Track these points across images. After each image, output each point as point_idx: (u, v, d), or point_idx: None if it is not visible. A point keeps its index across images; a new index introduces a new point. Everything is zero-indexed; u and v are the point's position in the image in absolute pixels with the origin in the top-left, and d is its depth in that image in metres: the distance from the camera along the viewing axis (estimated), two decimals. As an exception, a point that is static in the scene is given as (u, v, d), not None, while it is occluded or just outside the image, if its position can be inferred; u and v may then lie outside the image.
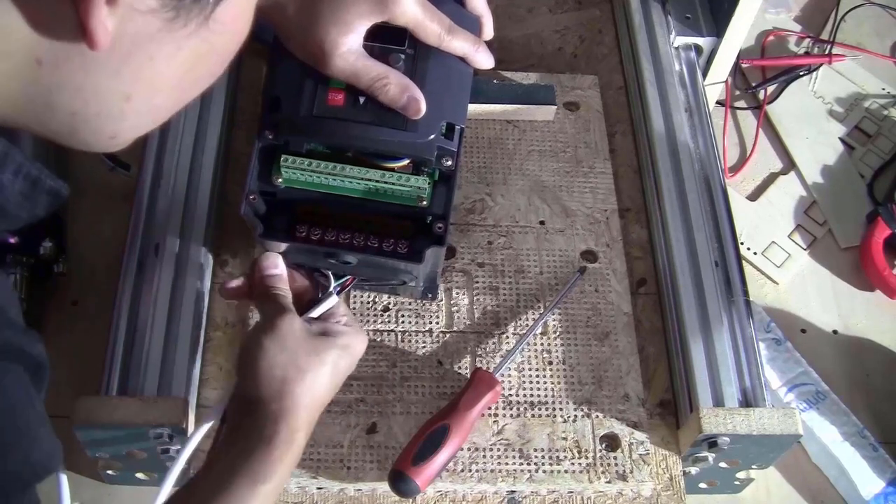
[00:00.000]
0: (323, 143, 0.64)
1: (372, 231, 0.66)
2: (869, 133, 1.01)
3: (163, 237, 0.74)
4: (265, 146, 0.65)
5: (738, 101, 1.02)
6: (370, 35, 0.62)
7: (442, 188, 0.65)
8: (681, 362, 0.74)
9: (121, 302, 0.72)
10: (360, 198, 0.65)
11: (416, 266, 0.67)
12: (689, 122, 0.86)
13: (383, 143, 0.62)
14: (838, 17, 1.08)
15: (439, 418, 0.68)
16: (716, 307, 0.75)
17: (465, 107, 0.66)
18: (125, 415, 0.64)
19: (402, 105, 0.62)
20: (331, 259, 0.66)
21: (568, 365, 0.75)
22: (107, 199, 0.87)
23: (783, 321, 0.88)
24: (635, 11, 0.93)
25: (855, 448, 0.80)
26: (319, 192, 0.65)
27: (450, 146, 0.64)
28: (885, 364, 0.87)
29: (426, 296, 0.76)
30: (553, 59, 0.95)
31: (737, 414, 0.68)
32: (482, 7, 0.68)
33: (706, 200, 0.81)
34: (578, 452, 0.71)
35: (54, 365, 0.78)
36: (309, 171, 0.63)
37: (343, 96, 0.62)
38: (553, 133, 0.86)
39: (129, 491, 0.73)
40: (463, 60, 0.66)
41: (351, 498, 0.70)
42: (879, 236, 0.91)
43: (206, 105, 0.81)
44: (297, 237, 0.66)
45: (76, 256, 0.83)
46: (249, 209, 0.65)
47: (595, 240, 0.81)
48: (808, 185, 0.96)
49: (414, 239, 0.66)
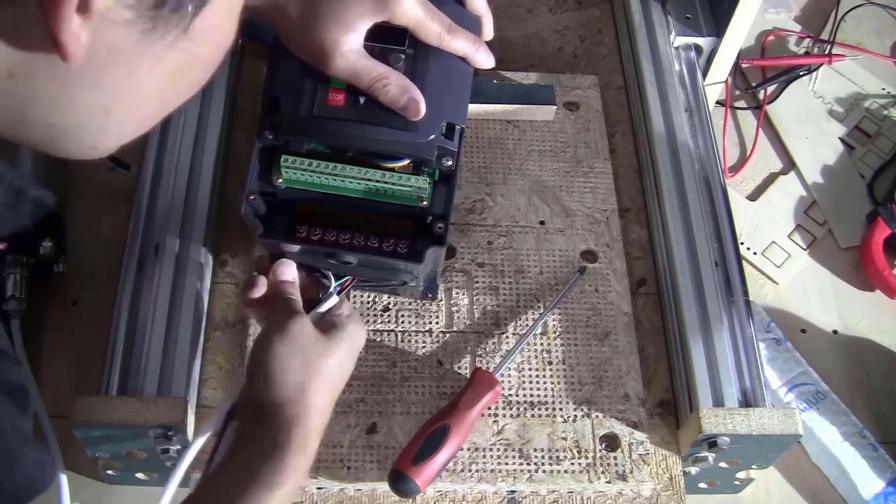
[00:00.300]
0: (323, 143, 0.64)
1: (372, 231, 0.66)
2: (869, 133, 1.01)
3: (163, 237, 0.74)
4: (265, 146, 0.65)
5: (738, 101, 1.02)
6: (370, 35, 0.62)
7: (442, 188, 0.65)
8: (681, 362, 0.74)
9: (121, 302, 0.72)
10: (361, 198, 0.65)
11: (416, 266, 0.67)
12: (689, 122, 0.86)
13: (383, 143, 0.62)
14: (838, 17, 1.08)
15: (439, 418, 0.68)
16: (716, 307, 0.75)
17: (465, 107, 0.66)
18: (125, 415, 0.64)
19: (401, 106, 0.61)
20: (331, 259, 0.66)
21: (568, 365, 0.75)
22: (107, 199, 0.87)
23: (783, 321, 0.88)
24: (635, 11, 0.93)
25: (855, 448, 0.80)
26: (319, 192, 0.65)
27: (450, 146, 0.64)
28: (885, 364, 0.87)
29: (426, 296, 0.76)
30: (553, 59, 0.95)
31: (737, 414, 0.68)
32: (482, 7, 0.68)
33: (706, 200, 0.81)
34: (578, 452, 0.71)
35: (54, 365, 0.79)
36: (309, 171, 0.63)
37: (343, 96, 0.62)
38: (553, 133, 0.86)
39: (129, 491, 0.73)
40: (463, 60, 0.66)
41: (351, 498, 0.70)
42: (879, 236, 0.91)
43: (206, 105, 0.81)
44: (297, 237, 0.66)
45: (76, 256, 0.83)
46: (249, 209, 0.65)
47: (595, 240, 0.81)
48: (808, 185, 0.96)
49: (414, 239, 0.66)
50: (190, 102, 0.82)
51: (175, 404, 0.65)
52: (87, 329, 0.80)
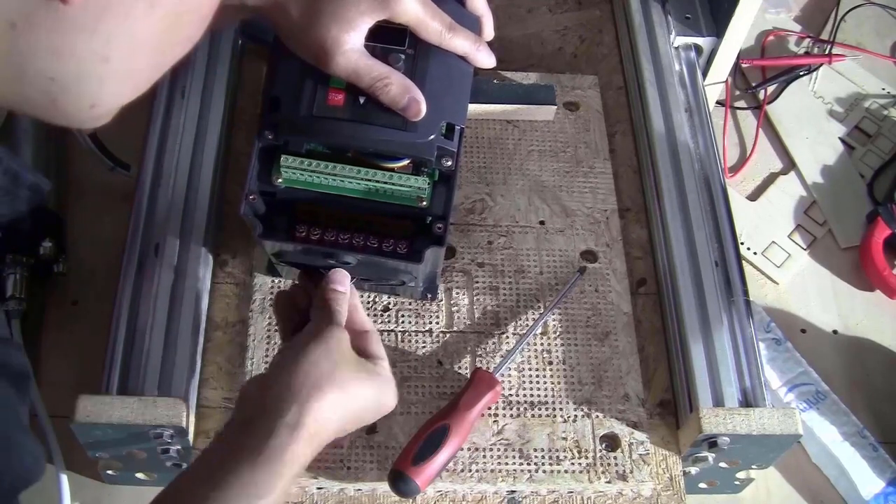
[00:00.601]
0: (322, 142, 0.64)
1: (372, 231, 0.66)
2: (869, 133, 1.01)
3: (163, 237, 0.74)
4: (265, 146, 0.65)
5: (738, 101, 1.02)
6: (370, 35, 0.62)
7: (442, 188, 0.65)
8: (681, 362, 0.74)
9: (121, 302, 0.72)
10: (360, 198, 0.65)
11: (415, 266, 0.67)
12: (689, 122, 0.86)
13: (383, 143, 0.62)
14: (838, 17, 1.08)
15: (439, 418, 0.68)
16: (716, 307, 0.75)
17: (465, 107, 0.66)
18: (125, 415, 0.64)
19: (402, 106, 0.61)
20: (329, 259, 0.66)
21: (568, 365, 0.75)
22: (107, 199, 0.87)
23: (783, 321, 0.88)
24: (635, 11, 0.93)
25: (855, 448, 0.80)
26: (319, 192, 0.65)
27: (450, 146, 0.64)
28: (885, 364, 0.87)
29: (426, 296, 0.76)
30: (553, 59, 0.95)
31: (737, 414, 0.68)
32: (483, 7, 0.68)
33: (706, 200, 0.81)
34: (578, 452, 0.71)
35: (54, 365, 0.79)
36: (309, 171, 0.63)
37: (343, 96, 0.62)
38: (553, 133, 0.86)
39: (129, 491, 0.73)
40: (463, 60, 0.66)
41: (351, 498, 0.70)
42: (879, 236, 0.91)
43: (206, 105, 0.81)
44: (297, 237, 0.66)
45: (76, 256, 0.83)
46: (249, 209, 0.65)
47: (595, 240, 0.81)
48: (808, 185, 0.96)
49: (413, 239, 0.66)
50: (191, 101, 0.82)
51: (175, 404, 0.65)
52: (87, 329, 0.80)
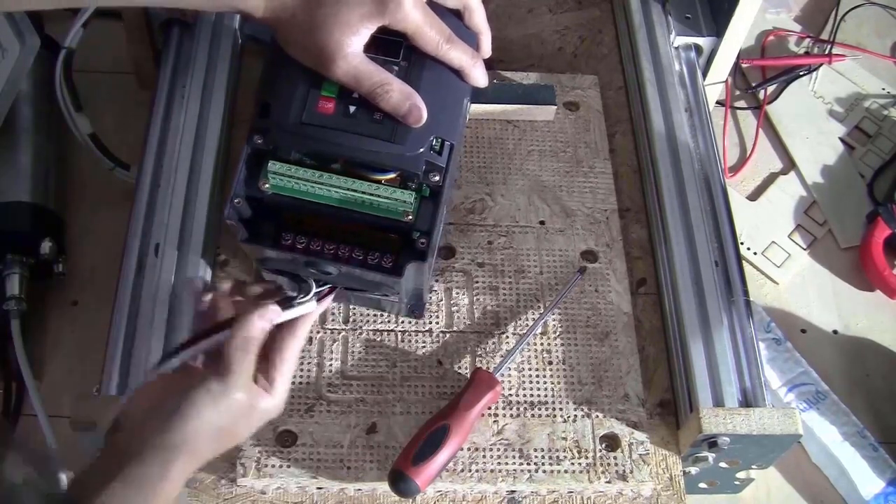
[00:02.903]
0: (310, 150, 0.63)
1: (358, 243, 0.65)
2: (869, 133, 1.01)
3: (163, 237, 0.74)
4: (254, 151, 0.64)
5: (738, 101, 1.02)
6: (366, 45, 0.62)
7: (429, 204, 0.64)
8: (681, 362, 0.74)
9: (121, 302, 0.72)
10: (346, 208, 0.64)
11: (396, 281, 0.65)
12: (689, 122, 0.86)
13: (371, 153, 0.61)
14: (838, 17, 1.08)
15: (439, 418, 0.68)
16: (716, 307, 0.75)
17: (457, 124, 0.65)
18: (125, 415, 0.64)
19: (403, 112, 0.61)
20: (311, 268, 0.65)
21: (568, 365, 0.75)
22: (107, 199, 0.87)
23: (783, 321, 0.88)
24: (635, 11, 0.93)
25: (855, 448, 0.81)
26: (305, 199, 0.64)
27: (438, 161, 0.63)
28: (885, 364, 0.87)
29: (412, 313, 0.75)
30: (553, 59, 0.95)
31: (737, 414, 0.68)
32: (482, 25, 0.67)
33: (706, 200, 0.81)
34: (578, 452, 0.71)
35: (54, 365, 0.79)
36: (295, 178, 0.62)
37: (333, 104, 0.61)
38: (553, 133, 0.86)
39: (129, 491, 0.73)
40: (458, 77, 0.65)
41: (351, 498, 0.70)
42: (879, 236, 0.91)
43: (206, 105, 0.81)
44: (283, 245, 0.65)
45: (76, 256, 0.83)
46: (233, 213, 0.64)
47: (595, 240, 0.81)
48: (808, 185, 0.96)
49: (399, 253, 0.65)
50: (191, 101, 0.82)
51: (175, 404, 0.65)
52: (87, 329, 0.80)
